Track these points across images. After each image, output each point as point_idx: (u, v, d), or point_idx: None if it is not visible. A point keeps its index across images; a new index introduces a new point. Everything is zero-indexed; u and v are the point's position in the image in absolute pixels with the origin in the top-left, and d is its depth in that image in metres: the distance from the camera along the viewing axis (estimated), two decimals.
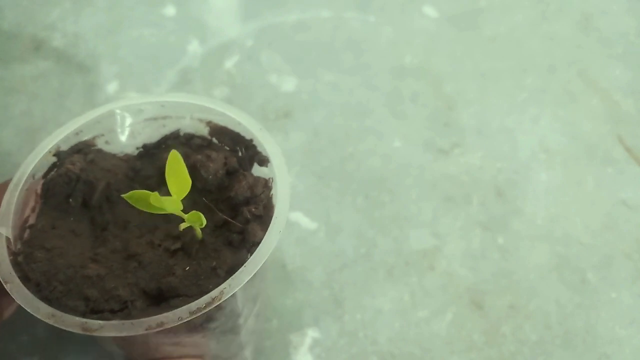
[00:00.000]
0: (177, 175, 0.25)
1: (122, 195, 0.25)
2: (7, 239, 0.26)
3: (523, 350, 0.39)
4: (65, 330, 0.23)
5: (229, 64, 0.52)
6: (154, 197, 0.24)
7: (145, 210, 0.25)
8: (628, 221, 0.45)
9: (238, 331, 0.29)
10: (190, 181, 0.25)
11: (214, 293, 0.24)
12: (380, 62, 0.53)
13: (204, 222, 0.25)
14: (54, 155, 0.30)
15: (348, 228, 0.43)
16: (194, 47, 0.53)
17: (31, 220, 0.28)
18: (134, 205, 0.25)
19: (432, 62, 0.54)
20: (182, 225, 0.26)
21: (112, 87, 0.49)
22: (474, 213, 0.44)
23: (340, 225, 0.43)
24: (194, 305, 0.24)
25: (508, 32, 0.57)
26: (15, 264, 0.26)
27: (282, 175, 0.29)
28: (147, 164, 0.31)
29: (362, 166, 0.47)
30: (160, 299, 0.25)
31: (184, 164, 0.25)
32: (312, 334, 0.38)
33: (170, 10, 0.56)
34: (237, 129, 0.31)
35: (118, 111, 0.31)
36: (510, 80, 0.53)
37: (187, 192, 0.25)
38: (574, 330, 0.40)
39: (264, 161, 0.30)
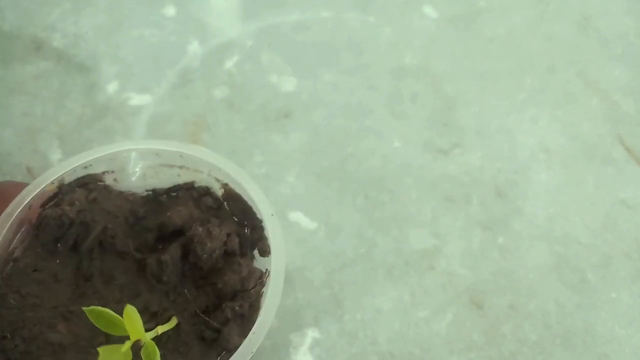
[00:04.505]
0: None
1: (83, 309, 0.23)
2: None
3: (523, 350, 0.39)
4: None
5: (229, 64, 0.52)
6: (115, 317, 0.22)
7: (104, 329, 0.23)
8: (628, 221, 0.45)
9: None
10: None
11: None
12: (380, 62, 0.54)
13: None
14: (57, 187, 0.29)
15: (348, 228, 0.43)
16: (194, 47, 0.53)
17: (17, 253, 0.27)
18: (93, 322, 0.23)
19: (432, 62, 0.54)
20: (128, 344, 0.23)
21: (112, 87, 0.49)
22: (474, 213, 0.45)
23: (340, 225, 0.43)
24: None
25: (507, 33, 0.57)
26: None
27: (277, 276, 0.27)
28: (151, 213, 0.30)
29: (362, 166, 0.47)
30: None
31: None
32: (312, 334, 0.39)
33: (170, 11, 0.56)
34: (250, 203, 0.30)
35: (133, 153, 0.30)
36: (510, 80, 0.53)
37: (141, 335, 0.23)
38: (573, 329, 0.40)
39: (265, 252, 0.29)
